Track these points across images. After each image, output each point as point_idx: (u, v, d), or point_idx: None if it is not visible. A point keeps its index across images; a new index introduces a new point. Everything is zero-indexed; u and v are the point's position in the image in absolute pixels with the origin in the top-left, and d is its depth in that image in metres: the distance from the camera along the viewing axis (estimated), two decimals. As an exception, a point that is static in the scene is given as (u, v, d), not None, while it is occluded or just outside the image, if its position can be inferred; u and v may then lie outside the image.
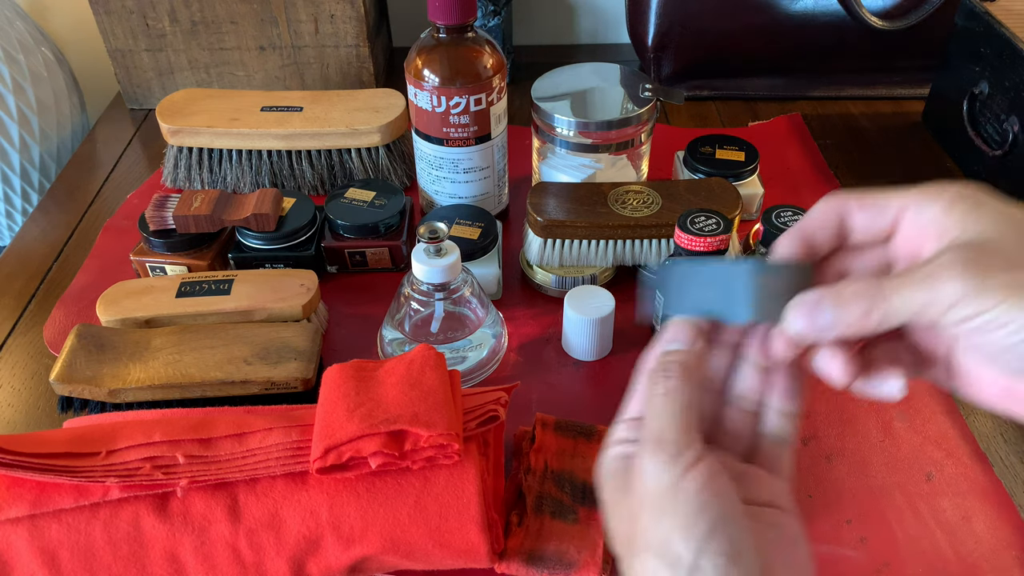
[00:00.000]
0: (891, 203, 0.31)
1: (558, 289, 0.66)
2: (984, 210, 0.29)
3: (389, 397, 0.45)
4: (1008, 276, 0.27)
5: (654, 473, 0.30)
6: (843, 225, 0.33)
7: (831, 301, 0.30)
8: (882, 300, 0.29)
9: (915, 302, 0.29)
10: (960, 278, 0.27)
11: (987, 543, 0.49)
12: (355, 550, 0.44)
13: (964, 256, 0.28)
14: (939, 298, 0.28)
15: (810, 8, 0.88)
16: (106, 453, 0.44)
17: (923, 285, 0.28)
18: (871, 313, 0.29)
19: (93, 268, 0.72)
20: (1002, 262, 0.27)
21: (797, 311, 0.31)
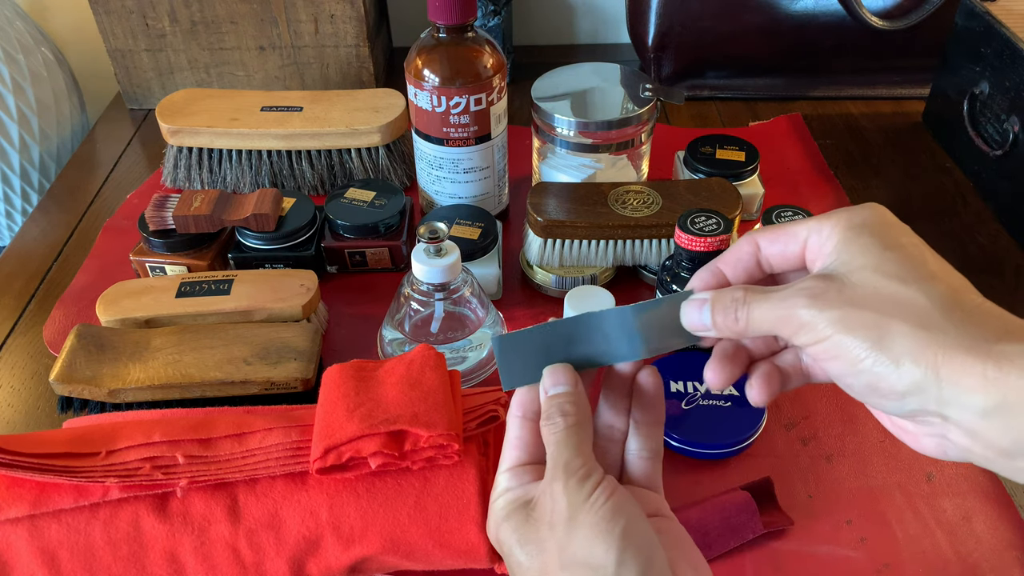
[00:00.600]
0: (798, 233, 0.33)
1: (558, 289, 0.66)
2: (860, 242, 0.31)
3: (389, 397, 0.45)
4: (840, 312, 0.30)
5: (566, 496, 0.32)
6: (759, 258, 0.35)
7: (711, 302, 0.34)
8: (745, 311, 0.32)
9: (771, 318, 0.32)
10: (803, 308, 0.30)
11: (987, 543, 0.49)
12: (355, 550, 0.44)
13: (812, 288, 0.31)
14: (789, 320, 0.31)
15: (810, 8, 0.88)
16: (106, 453, 0.44)
17: (777, 306, 0.31)
18: (737, 321, 0.33)
19: (93, 268, 0.72)
20: (839, 298, 0.30)
21: (688, 308, 0.35)
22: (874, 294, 0.30)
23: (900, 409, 0.30)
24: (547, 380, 0.36)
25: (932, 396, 0.29)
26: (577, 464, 0.33)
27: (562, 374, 0.36)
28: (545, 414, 0.35)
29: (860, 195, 0.79)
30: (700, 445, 0.53)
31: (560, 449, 0.34)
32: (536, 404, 0.37)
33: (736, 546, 0.48)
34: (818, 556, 0.48)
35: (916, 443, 0.32)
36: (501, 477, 0.37)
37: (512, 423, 0.37)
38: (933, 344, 0.28)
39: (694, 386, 0.56)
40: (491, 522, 0.36)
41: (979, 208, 0.77)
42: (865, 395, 0.31)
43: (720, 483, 0.52)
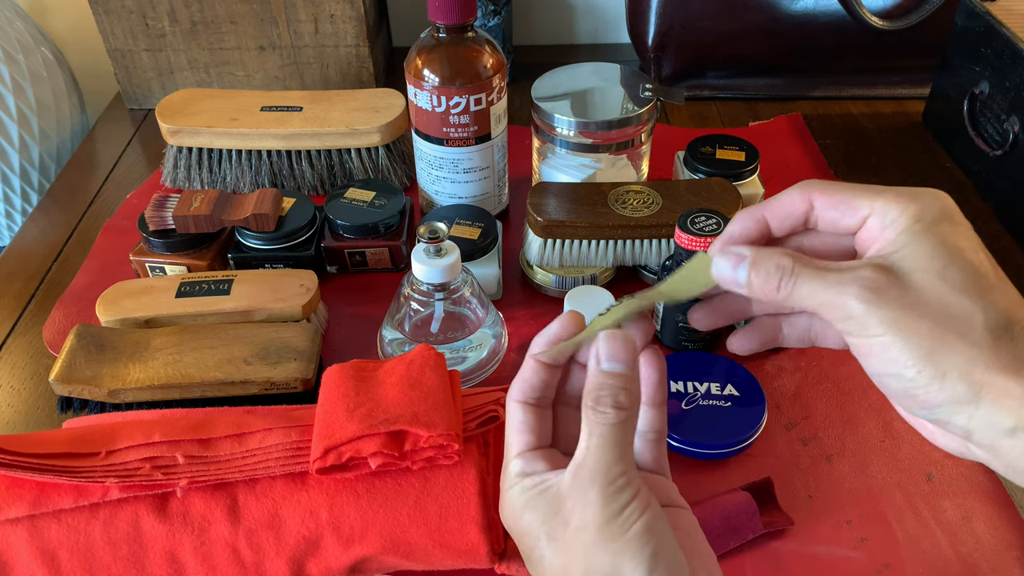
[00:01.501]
0: (860, 208, 0.32)
1: (558, 289, 0.66)
2: (927, 241, 0.30)
3: (389, 397, 0.45)
4: (897, 314, 0.29)
5: (600, 503, 0.31)
6: (810, 216, 0.33)
7: (749, 261, 0.32)
8: (790, 282, 0.31)
9: (817, 299, 0.30)
10: (858, 299, 0.29)
11: (988, 544, 0.49)
12: (355, 550, 0.44)
13: (874, 278, 0.29)
14: (837, 306, 0.30)
15: (810, 8, 0.88)
16: (106, 453, 0.44)
17: (830, 288, 0.30)
18: (779, 290, 0.31)
19: (93, 268, 0.72)
20: (899, 300, 0.29)
21: (724, 258, 0.32)
22: (936, 303, 0.29)
23: (928, 416, 0.30)
24: (604, 348, 0.33)
25: (966, 412, 0.29)
26: (618, 471, 0.31)
27: (622, 348, 0.33)
28: (595, 394, 0.32)
29: (860, 195, 0.79)
30: (700, 445, 0.53)
31: (604, 448, 0.31)
32: (540, 390, 0.35)
33: (736, 546, 0.48)
34: (818, 556, 0.48)
35: (932, 438, 0.32)
36: (514, 463, 0.35)
37: (514, 408, 0.36)
38: (981, 363, 0.28)
39: (694, 386, 0.56)
40: (509, 509, 0.34)
41: (979, 208, 0.77)
42: (896, 396, 0.30)
43: (720, 483, 0.52)
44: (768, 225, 0.34)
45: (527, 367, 0.36)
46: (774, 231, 0.34)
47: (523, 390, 0.36)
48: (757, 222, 0.34)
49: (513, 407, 0.36)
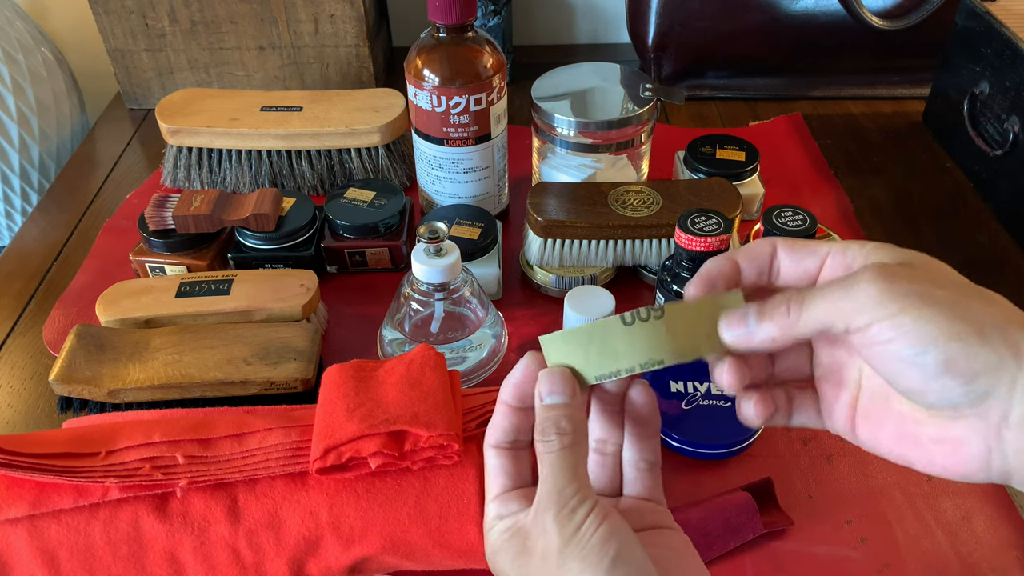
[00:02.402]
0: (819, 249, 0.33)
1: (558, 289, 0.66)
2: (901, 251, 0.31)
3: (389, 397, 0.45)
4: (916, 287, 0.29)
5: (556, 527, 0.31)
6: (774, 261, 0.34)
7: (755, 310, 0.32)
8: (797, 303, 0.31)
9: (828, 307, 0.30)
10: (872, 282, 0.29)
11: (988, 544, 0.49)
12: (355, 550, 0.44)
13: (878, 269, 0.30)
14: (850, 299, 0.30)
15: (810, 8, 0.88)
16: (105, 453, 0.44)
17: (838, 289, 0.30)
18: (789, 314, 0.31)
19: (92, 268, 0.72)
20: (909, 276, 0.29)
21: (728, 324, 0.33)
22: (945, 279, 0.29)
23: (966, 395, 0.28)
24: (543, 386, 0.34)
25: (1008, 378, 0.28)
26: (570, 492, 0.32)
27: (559, 381, 0.34)
28: (540, 427, 0.34)
29: (860, 195, 0.79)
30: (700, 445, 0.53)
31: (554, 473, 0.32)
32: (512, 433, 0.36)
33: (736, 546, 0.48)
34: (818, 556, 0.48)
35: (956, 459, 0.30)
36: (490, 506, 0.36)
37: (489, 454, 0.36)
38: (1012, 321, 0.28)
39: (694, 386, 0.56)
40: (489, 552, 0.35)
41: (979, 208, 0.77)
42: (930, 378, 0.29)
43: (720, 483, 0.52)
44: (738, 266, 0.34)
45: (498, 413, 0.36)
46: (744, 272, 0.35)
47: (495, 435, 0.36)
48: (730, 262, 0.35)
49: (488, 452, 0.36)
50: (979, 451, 0.29)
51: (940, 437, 0.30)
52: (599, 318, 0.58)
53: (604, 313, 0.58)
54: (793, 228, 0.58)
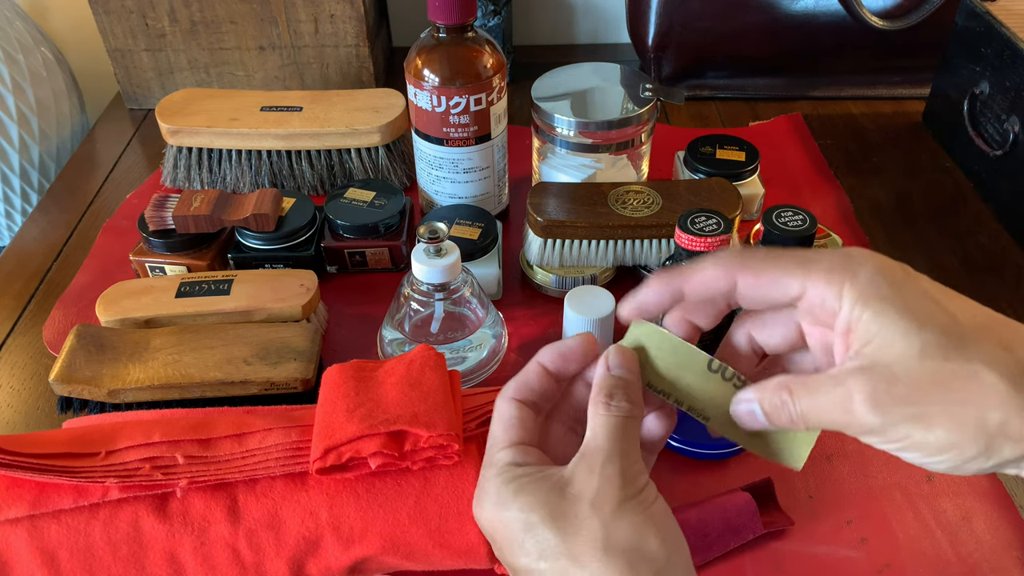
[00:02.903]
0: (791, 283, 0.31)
1: (558, 289, 0.66)
2: (885, 322, 0.29)
3: (389, 397, 0.45)
4: (912, 410, 0.29)
5: (620, 481, 0.32)
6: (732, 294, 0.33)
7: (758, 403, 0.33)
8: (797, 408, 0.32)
9: (829, 421, 0.31)
10: (871, 412, 0.29)
11: (988, 544, 0.49)
12: (355, 551, 0.44)
13: (865, 385, 0.29)
14: (852, 424, 0.30)
15: (810, 8, 0.88)
16: (105, 453, 0.44)
17: (837, 409, 0.30)
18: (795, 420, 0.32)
19: (92, 268, 0.72)
20: (900, 394, 0.29)
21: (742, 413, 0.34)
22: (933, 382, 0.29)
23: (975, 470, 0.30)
24: (615, 358, 0.35)
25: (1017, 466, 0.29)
26: (634, 457, 0.33)
27: (632, 361, 0.35)
28: (607, 391, 0.34)
29: (860, 195, 0.79)
30: (700, 445, 0.53)
31: (619, 437, 0.33)
32: (537, 393, 0.36)
33: (736, 546, 0.48)
34: (818, 556, 0.48)
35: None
36: (502, 454, 0.35)
37: (506, 405, 0.36)
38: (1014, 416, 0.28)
39: (694, 386, 0.56)
40: (492, 499, 0.34)
41: (979, 208, 0.77)
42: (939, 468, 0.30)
43: (720, 483, 0.52)
44: (682, 295, 0.34)
45: (531, 371, 0.37)
46: (690, 302, 0.34)
47: (520, 390, 0.36)
48: (671, 291, 0.34)
49: (506, 404, 0.36)
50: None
51: None
52: (598, 318, 0.58)
53: (604, 314, 0.58)
54: (793, 228, 0.58)
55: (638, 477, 0.32)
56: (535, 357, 0.37)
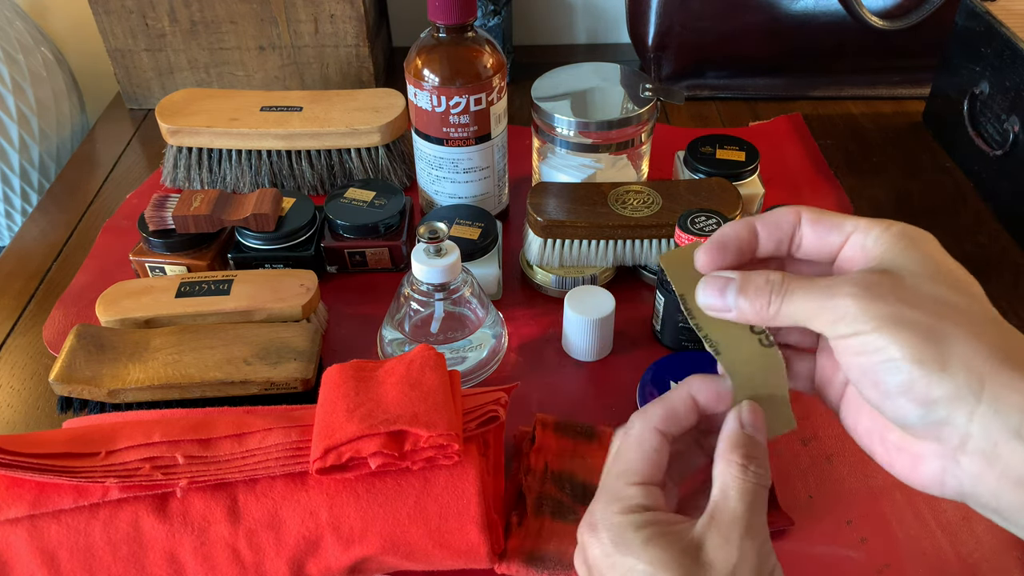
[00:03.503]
0: (844, 225, 0.32)
1: (558, 289, 0.66)
2: (912, 250, 0.30)
3: (389, 397, 0.45)
4: (893, 308, 0.29)
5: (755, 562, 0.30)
6: (796, 233, 0.33)
7: (737, 284, 0.32)
8: (779, 297, 0.31)
9: (808, 307, 0.30)
10: (851, 297, 0.29)
11: (988, 544, 0.49)
12: (355, 550, 0.44)
13: (864, 280, 0.30)
14: (829, 309, 0.30)
15: (810, 8, 0.88)
16: (105, 453, 0.44)
17: (820, 294, 0.30)
18: (769, 305, 0.31)
19: (92, 268, 0.72)
20: (893, 295, 0.29)
21: (706, 287, 0.33)
22: (930, 298, 0.29)
23: (922, 419, 0.29)
24: (749, 415, 0.33)
25: (965, 409, 0.28)
26: (767, 533, 0.31)
27: (763, 422, 0.33)
28: (746, 451, 0.32)
29: (860, 195, 0.79)
30: (700, 445, 0.53)
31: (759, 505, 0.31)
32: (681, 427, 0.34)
33: (736, 546, 0.48)
34: (818, 556, 0.48)
35: (913, 470, 0.31)
36: (634, 490, 0.33)
37: (652, 436, 0.33)
38: (983, 354, 0.28)
39: (694, 386, 0.56)
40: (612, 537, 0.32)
41: (979, 208, 0.77)
42: (889, 396, 0.29)
43: (720, 483, 0.52)
44: (757, 234, 0.33)
45: (679, 401, 0.34)
46: (761, 242, 0.34)
47: (667, 420, 0.34)
48: (748, 229, 0.34)
49: (650, 432, 0.34)
50: (934, 469, 0.30)
51: (902, 447, 0.31)
52: (598, 318, 0.58)
53: (604, 313, 0.58)
54: (793, 228, 0.58)
55: (769, 557, 0.30)
56: (684, 385, 0.35)
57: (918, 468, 0.31)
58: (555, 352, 0.62)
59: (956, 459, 0.29)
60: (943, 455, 0.29)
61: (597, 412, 0.57)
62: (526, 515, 0.48)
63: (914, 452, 0.31)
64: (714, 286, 0.32)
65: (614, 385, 0.59)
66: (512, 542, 0.47)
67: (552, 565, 0.46)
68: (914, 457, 0.31)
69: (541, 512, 0.48)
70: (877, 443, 0.33)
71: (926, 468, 0.30)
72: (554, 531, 0.47)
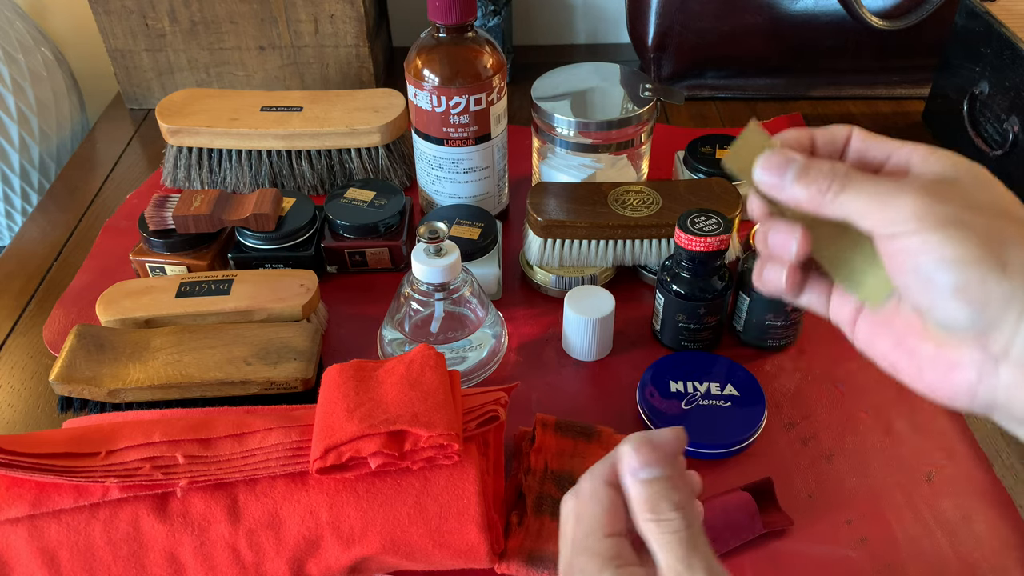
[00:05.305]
0: (893, 142, 0.33)
1: (558, 289, 0.66)
2: (966, 166, 0.31)
3: (389, 397, 0.45)
4: (955, 209, 0.29)
5: None
6: (846, 146, 0.34)
7: (800, 165, 0.32)
8: (841, 183, 0.31)
9: (868, 199, 0.30)
10: (916, 195, 0.29)
11: (988, 544, 0.49)
12: (355, 550, 0.44)
13: (929, 182, 0.30)
14: (890, 204, 0.29)
15: (810, 8, 0.88)
16: (106, 453, 0.44)
17: (883, 188, 0.30)
18: (827, 191, 0.31)
19: (93, 268, 0.72)
20: (952, 197, 0.29)
21: (767, 164, 0.32)
22: (990, 205, 0.29)
23: (973, 321, 0.28)
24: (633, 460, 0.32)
25: (1017, 311, 0.28)
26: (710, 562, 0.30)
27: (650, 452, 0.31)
28: (648, 504, 0.31)
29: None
30: (700, 445, 0.53)
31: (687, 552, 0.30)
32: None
33: (736, 546, 0.48)
34: (818, 556, 0.48)
35: (944, 380, 0.31)
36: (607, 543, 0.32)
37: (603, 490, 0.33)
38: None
39: (694, 386, 0.56)
40: None
41: (979, 208, 0.77)
42: (942, 297, 0.29)
43: (720, 483, 0.52)
44: (815, 142, 0.34)
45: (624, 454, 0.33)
46: (819, 148, 0.34)
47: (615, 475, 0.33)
48: (808, 135, 0.34)
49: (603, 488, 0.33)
50: (969, 378, 0.30)
51: (936, 356, 0.31)
52: (598, 318, 0.58)
53: (604, 313, 0.58)
54: (793, 228, 0.58)
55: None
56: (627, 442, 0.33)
57: (950, 377, 0.30)
58: (555, 352, 0.62)
59: (996, 367, 0.29)
60: (982, 363, 0.29)
61: (597, 412, 0.57)
62: (526, 515, 0.48)
63: (950, 360, 0.30)
64: (774, 161, 0.32)
65: (614, 385, 0.60)
66: (512, 542, 0.47)
67: (552, 565, 0.46)
68: (948, 366, 0.30)
69: (541, 512, 0.48)
70: (904, 356, 0.32)
71: (960, 377, 0.30)
72: (554, 531, 0.47)
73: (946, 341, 0.30)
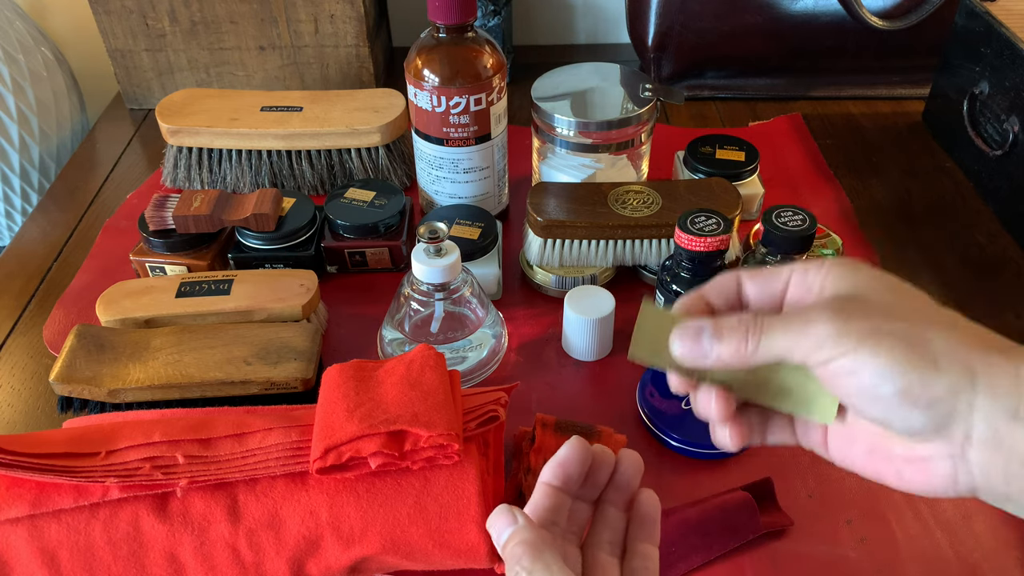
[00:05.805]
0: (781, 272, 0.34)
1: (558, 289, 0.66)
2: (858, 273, 0.32)
3: (389, 397, 0.45)
4: (869, 323, 0.29)
5: None
6: (739, 293, 0.35)
7: (711, 329, 0.32)
8: (756, 331, 0.31)
9: (787, 338, 0.31)
10: (828, 321, 0.30)
11: (988, 544, 0.49)
12: (355, 550, 0.44)
13: (834, 305, 0.30)
14: (808, 335, 0.30)
15: (810, 8, 0.88)
16: (106, 453, 0.44)
17: (796, 323, 0.31)
18: (747, 343, 0.32)
19: (93, 268, 0.72)
20: (863, 312, 0.30)
21: (681, 337, 0.33)
22: (897, 308, 0.30)
23: (928, 419, 0.29)
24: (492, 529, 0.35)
25: (964, 400, 0.28)
26: None
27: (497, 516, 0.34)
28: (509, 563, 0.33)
29: (860, 195, 0.79)
30: (700, 445, 0.53)
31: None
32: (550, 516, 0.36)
33: (736, 546, 0.48)
34: (818, 556, 0.48)
35: (925, 478, 0.31)
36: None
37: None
38: (965, 346, 0.29)
39: (694, 386, 0.56)
40: None
41: (979, 208, 0.77)
42: (892, 407, 0.29)
43: (720, 483, 0.52)
44: (709, 303, 0.35)
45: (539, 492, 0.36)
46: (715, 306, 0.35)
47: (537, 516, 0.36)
48: (699, 297, 0.35)
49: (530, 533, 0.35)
50: (946, 469, 0.30)
51: (909, 456, 0.31)
52: (598, 318, 0.58)
53: (604, 313, 0.58)
54: (793, 228, 0.58)
55: None
56: (540, 477, 0.37)
57: (928, 472, 0.31)
58: (555, 352, 0.62)
59: (964, 453, 0.29)
60: (951, 453, 0.30)
61: (597, 412, 0.57)
62: (526, 515, 0.48)
63: (923, 457, 0.31)
64: (687, 334, 0.33)
65: (614, 385, 0.60)
66: (512, 542, 0.47)
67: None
68: (924, 463, 0.31)
69: (541, 512, 0.48)
70: (882, 463, 0.33)
71: (937, 470, 0.31)
72: (554, 531, 0.47)
73: (914, 441, 0.31)
